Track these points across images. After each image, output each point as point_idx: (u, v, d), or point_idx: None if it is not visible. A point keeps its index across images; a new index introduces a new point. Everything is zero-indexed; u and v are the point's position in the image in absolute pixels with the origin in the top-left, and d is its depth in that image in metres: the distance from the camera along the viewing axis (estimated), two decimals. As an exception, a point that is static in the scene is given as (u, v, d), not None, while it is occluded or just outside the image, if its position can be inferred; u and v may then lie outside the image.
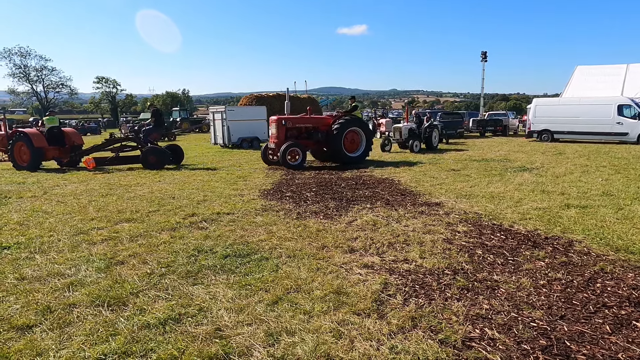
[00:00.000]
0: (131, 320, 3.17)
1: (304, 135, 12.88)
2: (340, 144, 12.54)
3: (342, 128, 12.56)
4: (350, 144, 12.91)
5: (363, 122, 13.48)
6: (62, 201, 7.77)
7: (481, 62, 41.61)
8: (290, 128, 12.63)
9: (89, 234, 5.52)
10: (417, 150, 16.46)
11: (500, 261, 4.34)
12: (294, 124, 12.73)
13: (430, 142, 17.48)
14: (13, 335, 3.01)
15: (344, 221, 5.99)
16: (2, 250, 4.88)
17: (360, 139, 13.09)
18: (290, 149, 11.94)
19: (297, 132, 12.81)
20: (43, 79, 75.40)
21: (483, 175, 10.00)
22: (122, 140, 14.11)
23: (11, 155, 13.48)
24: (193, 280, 3.95)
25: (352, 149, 12.96)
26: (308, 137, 12.86)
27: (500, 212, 6.31)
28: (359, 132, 13.04)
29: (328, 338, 2.91)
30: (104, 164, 12.98)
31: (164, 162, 12.74)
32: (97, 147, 13.59)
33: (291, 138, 12.55)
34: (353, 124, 12.85)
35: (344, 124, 12.65)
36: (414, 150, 16.43)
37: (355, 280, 3.89)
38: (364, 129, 13.12)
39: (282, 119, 12.74)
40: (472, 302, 3.44)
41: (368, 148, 13.24)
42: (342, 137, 12.54)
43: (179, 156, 13.84)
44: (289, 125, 12.60)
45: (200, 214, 6.49)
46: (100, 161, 12.95)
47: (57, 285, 3.84)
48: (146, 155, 12.69)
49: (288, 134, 12.57)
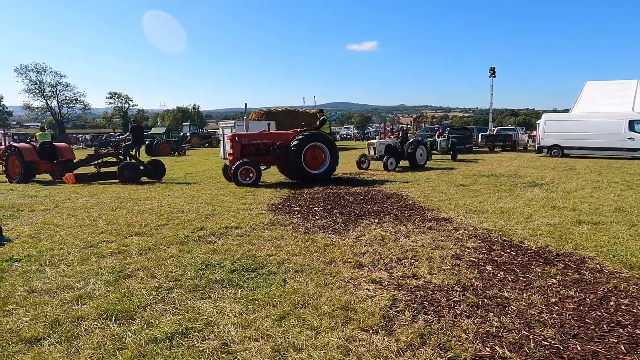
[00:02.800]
0: (138, 334, 3.17)
1: (262, 151, 12.51)
2: (299, 159, 12.03)
3: (302, 144, 12.06)
4: (313, 160, 12.35)
5: (328, 138, 12.80)
6: (73, 214, 7.85)
7: (490, 78, 41.73)
8: (246, 145, 12.34)
9: (99, 247, 5.56)
10: (393, 169, 15.27)
11: (510, 278, 4.28)
12: (250, 141, 12.46)
13: (414, 159, 16.21)
14: (21, 348, 3.02)
15: (352, 236, 5.96)
16: (13, 263, 4.93)
17: (324, 155, 12.51)
18: (242, 168, 11.63)
19: (255, 148, 12.46)
20: (57, 95, 77.16)
21: (492, 191, 9.92)
22: (103, 155, 14.50)
23: (5, 169, 14.09)
24: (200, 294, 3.95)
25: (315, 166, 12.38)
26: (267, 153, 12.51)
27: (510, 228, 6.25)
28: (322, 148, 12.47)
29: (335, 355, 2.87)
30: (84, 180, 13.21)
31: (138, 176, 13.10)
32: (82, 162, 14.03)
33: (248, 155, 12.29)
34: (314, 139, 12.30)
35: (303, 139, 12.13)
36: (388, 169, 15.18)
37: (363, 296, 3.86)
38: (328, 144, 12.54)
39: (236, 135, 12.56)
40: (482, 319, 3.38)
41: (333, 164, 12.67)
42: (301, 153, 12.03)
43: (160, 171, 14.04)
44: (244, 142, 12.32)
45: (209, 228, 6.51)
46: (82, 177, 13.27)
47: (66, 298, 3.86)
48: (122, 170, 13.01)
49: (244, 150, 12.28)
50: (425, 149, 16.74)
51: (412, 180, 12.44)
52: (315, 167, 12.43)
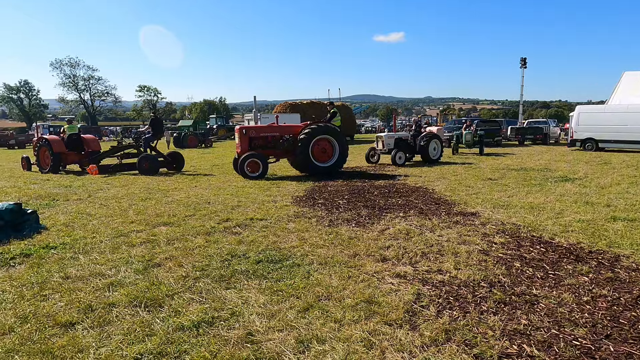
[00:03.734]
0: (166, 322, 3.26)
1: (270, 144, 12.49)
2: (307, 152, 11.93)
3: (309, 136, 11.96)
4: (321, 154, 12.22)
5: (337, 131, 12.50)
6: (104, 204, 8.12)
7: (520, 69, 40.47)
8: (254, 137, 12.34)
9: (129, 236, 5.73)
10: (401, 163, 14.66)
11: (540, 275, 4.17)
12: (258, 134, 12.46)
13: (427, 153, 15.36)
14: (57, 332, 3.15)
15: (376, 229, 5.93)
16: (49, 250, 5.14)
17: (332, 148, 12.35)
18: (248, 160, 11.64)
19: (263, 141, 12.46)
20: (90, 88, 79.59)
21: (522, 185, 9.66)
22: (125, 147, 15.16)
23: (37, 159, 14.89)
24: (226, 284, 4.02)
25: (323, 159, 12.25)
26: (275, 146, 12.49)
27: (540, 224, 6.07)
28: (330, 141, 12.31)
29: (359, 348, 2.87)
30: (107, 171, 13.79)
31: (156, 167, 13.50)
32: (105, 154, 14.76)
33: (256, 148, 12.29)
34: (323, 132, 12.15)
35: (311, 132, 12.02)
36: (396, 163, 14.60)
37: (387, 289, 3.84)
38: (337, 137, 12.34)
39: (243, 128, 12.59)
40: (509, 316, 3.31)
41: (342, 158, 12.48)
42: (309, 145, 11.93)
43: (179, 163, 14.51)
44: (252, 135, 12.33)
45: (234, 219, 6.61)
46: (105, 168, 13.90)
47: (99, 285, 4.01)
48: (141, 162, 13.48)
49: (252, 143, 12.30)
50: (439, 143, 15.82)
51: (438, 174, 12.25)
52: (324, 160, 12.31)
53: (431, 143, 15.51)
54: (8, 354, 2.86)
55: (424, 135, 15.70)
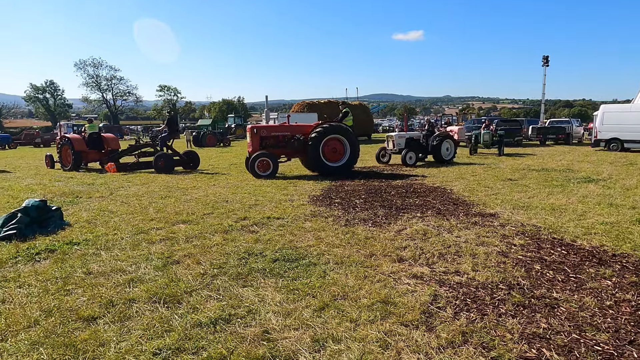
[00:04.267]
0: (185, 318, 3.32)
1: (282, 144, 12.50)
2: (318, 152, 11.89)
3: (320, 136, 11.90)
4: (332, 153, 12.16)
5: (348, 131, 12.38)
6: (125, 202, 8.29)
7: (542, 67, 39.65)
8: (265, 137, 12.39)
9: (149, 233, 5.84)
10: (412, 164, 14.39)
11: (560, 278, 4.08)
12: (269, 133, 12.50)
13: (439, 153, 15.02)
14: (79, 326, 3.24)
15: (393, 229, 5.90)
16: (72, 246, 5.29)
17: (343, 148, 12.27)
18: (259, 159, 11.71)
19: (275, 140, 12.48)
20: (112, 88, 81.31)
21: (543, 186, 9.46)
22: (143, 146, 15.57)
23: (60, 157, 15.44)
24: (243, 282, 4.06)
25: (334, 159, 12.18)
26: (286, 146, 12.49)
27: (562, 226, 5.94)
28: (342, 141, 12.21)
29: (374, 348, 2.87)
30: (125, 169, 14.13)
31: (171, 166, 13.75)
32: (124, 152, 15.22)
33: (267, 147, 12.33)
34: (334, 131, 12.08)
35: (321, 132, 11.96)
36: (407, 164, 14.33)
37: (403, 290, 3.82)
38: (348, 137, 12.24)
39: (254, 127, 12.65)
40: (528, 319, 3.26)
41: (353, 158, 12.39)
42: (319, 145, 11.88)
43: (195, 162, 14.75)
44: (263, 134, 12.38)
45: (252, 217, 6.67)
46: (123, 166, 14.26)
47: (119, 281, 4.10)
48: (157, 160, 13.76)
49: (264, 143, 12.36)
50: (452, 143, 15.43)
51: (456, 174, 12.10)
52: (335, 160, 12.24)
53: (444, 143, 15.19)
54: (33, 346, 2.95)
55: (437, 134, 15.41)
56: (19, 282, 4.15)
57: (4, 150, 33.25)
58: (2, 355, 2.85)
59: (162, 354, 2.84)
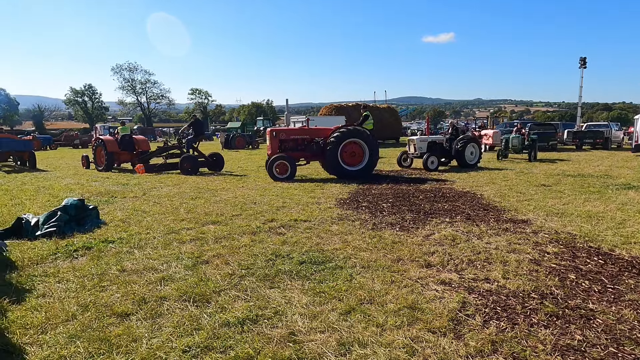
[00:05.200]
0: (213, 317, 3.39)
1: (300, 147, 12.54)
2: (336, 156, 11.82)
3: (338, 140, 11.84)
4: (350, 157, 12.07)
5: (367, 134, 12.24)
6: (158, 202, 8.54)
7: (580, 69, 38.30)
8: (284, 140, 12.44)
9: (180, 233, 5.99)
10: (434, 168, 14.02)
11: (597, 288, 3.93)
12: (289, 136, 12.56)
13: (463, 158, 14.64)
14: (114, 321, 3.36)
15: (421, 234, 5.83)
16: (108, 244, 5.49)
17: (362, 151, 12.18)
18: (277, 162, 11.77)
19: (294, 143, 12.54)
20: (147, 91, 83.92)
21: (579, 192, 9.12)
22: (170, 148, 16.01)
23: (94, 158, 16.20)
24: (270, 283, 4.11)
25: (353, 163, 12.10)
26: (305, 149, 12.51)
27: (599, 234, 5.71)
28: (360, 145, 12.12)
29: (401, 354, 2.85)
30: (153, 170, 14.61)
31: (196, 167, 14.06)
32: (153, 154, 15.74)
33: (287, 150, 12.36)
34: (352, 135, 12.00)
35: (340, 135, 11.90)
36: (429, 168, 13.95)
37: (431, 296, 3.77)
38: (367, 141, 12.11)
39: (274, 130, 12.70)
40: (562, 330, 3.15)
41: (372, 162, 12.27)
42: (338, 149, 11.81)
43: (220, 163, 15.03)
44: (282, 137, 12.44)
45: (279, 219, 6.73)
46: (151, 167, 14.77)
47: (152, 279, 4.23)
48: (182, 162, 14.12)
49: (283, 145, 12.41)
50: (477, 147, 15.05)
51: (487, 178, 11.83)
52: (353, 164, 12.15)
53: (468, 147, 14.74)
54: (71, 339, 3.08)
55: (461, 138, 14.98)
56: (58, 277, 4.34)
57: (45, 150, 34.85)
58: (42, 347, 2.99)
59: (192, 352, 2.90)
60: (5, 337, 3.11)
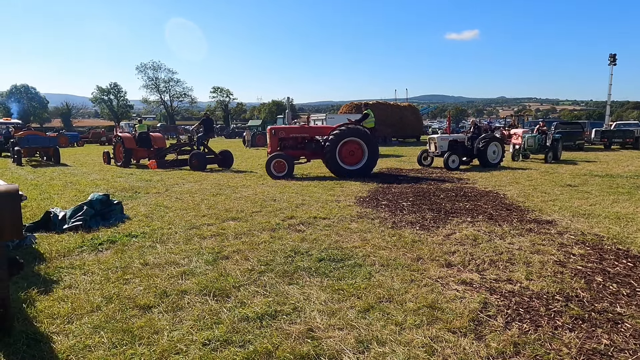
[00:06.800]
0: (233, 312, 3.42)
1: (300, 145, 12.51)
2: (334, 154, 11.72)
3: (337, 138, 11.74)
4: (349, 156, 11.95)
5: (367, 133, 12.06)
6: (179, 198, 8.68)
7: (609, 66, 37.08)
8: (284, 138, 12.44)
9: (201, 229, 6.08)
10: (455, 167, 13.68)
11: (625, 292, 3.80)
12: (288, 134, 12.55)
13: (485, 157, 14.27)
14: (136, 313, 3.44)
15: (441, 233, 5.76)
16: (131, 238, 5.62)
17: (362, 150, 12.03)
18: (275, 160, 11.78)
19: (293, 142, 12.53)
20: (170, 89, 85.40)
21: (607, 193, 8.84)
22: (182, 145, 16.70)
23: (114, 154, 16.98)
24: (289, 280, 4.13)
25: (352, 162, 11.98)
26: (305, 147, 12.48)
27: (628, 236, 5.52)
28: (359, 144, 11.96)
29: (420, 353, 2.82)
30: (164, 166, 15.09)
31: (204, 164, 14.44)
32: (167, 150, 16.43)
33: (286, 148, 12.36)
34: (351, 134, 11.84)
35: (339, 134, 11.78)
36: (450, 167, 13.61)
37: (451, 296, 3.72)
38: (366, 140, 11.96)
39: (273, 128, 12.70)
40: (587, 334, 3.06)
41: (371, 161, 12.09)
42: (336, 148, 11.72)
43: (229, 160, 15.34)
44: (281, 136, 12.44)
45: (298, 217, 6.75)
46: (162, 163, 15.28)
47: (173, 273, 4.30)
48: (191, 159, 14.63)
49: (282, 144, 12.40)
50: (499, 146, 14.61)
51: (510, 178, 11.58)
52: (352, 163, 12.04)
53: (490, 146, 14.38)
54: (95, 329, 3.16)
55: (483, 136, 14.63)
56: (83, 269, 4.46)
57: (72, 147, 35.88)
58: (68, 336, 3.08)
59: (211, 345, 2.94)
60: (34, 326, 3.22)
